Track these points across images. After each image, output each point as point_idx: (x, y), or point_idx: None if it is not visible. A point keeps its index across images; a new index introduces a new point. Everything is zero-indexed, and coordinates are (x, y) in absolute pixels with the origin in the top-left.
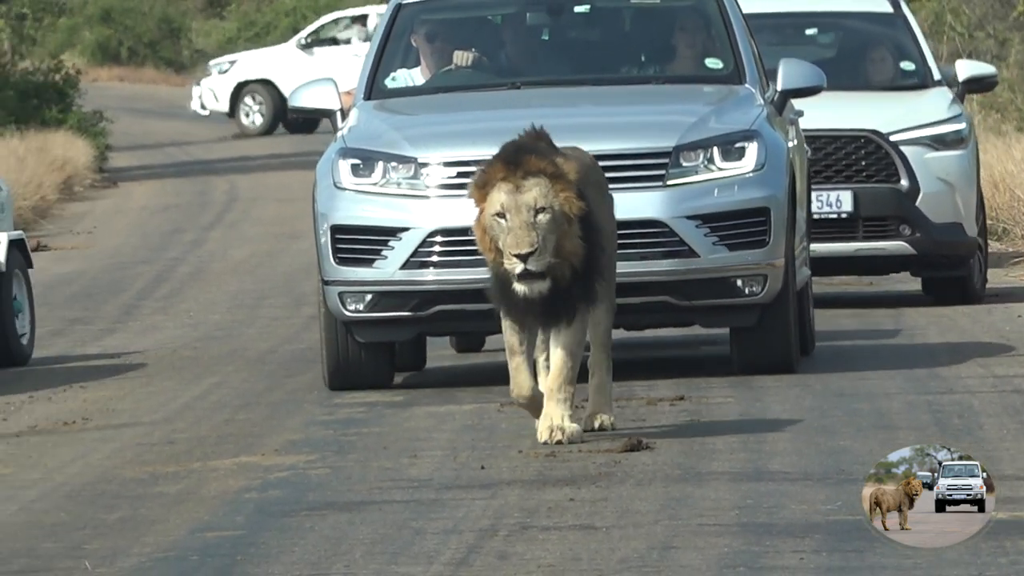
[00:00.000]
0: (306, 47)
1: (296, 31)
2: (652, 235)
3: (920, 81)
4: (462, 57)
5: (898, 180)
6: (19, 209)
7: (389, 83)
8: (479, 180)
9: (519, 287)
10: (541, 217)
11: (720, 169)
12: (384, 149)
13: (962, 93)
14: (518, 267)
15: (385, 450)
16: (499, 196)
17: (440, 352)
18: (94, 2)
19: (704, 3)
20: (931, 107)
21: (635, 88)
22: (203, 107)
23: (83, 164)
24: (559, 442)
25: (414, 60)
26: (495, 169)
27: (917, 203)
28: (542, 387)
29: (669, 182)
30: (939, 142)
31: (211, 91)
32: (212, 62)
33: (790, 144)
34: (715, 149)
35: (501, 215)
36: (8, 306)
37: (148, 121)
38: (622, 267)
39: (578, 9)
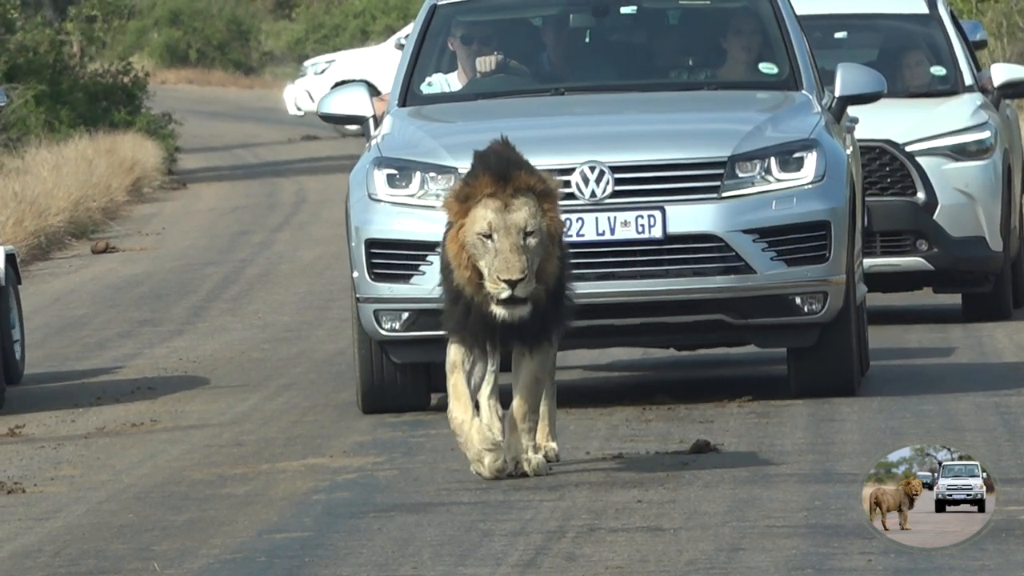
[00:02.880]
0: (404, 47)
1: (365, 32)
2: (706, 250)
3: (951, 87)
4: (485, 62)
5: (914, 193)
6: (88, 211)
7: (425, 88)
8: (461, 193)
9: (499, 311)
10: (531, 240)
11: (778, 180)
12: (421, 159)
13: (997, 99)
14: (504, 292)
15: (453, 451)
16: (486, 214)
17: None
18: (163, 4)
19: (757, 4)
20: (953, 115)
21: (686, 94)
22: (298, 108)
23: (152, 166)
24: (524, 474)
25: (449, 64)
26: (482, 183)
27: (935, 216)
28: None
29: (724, 194)
30: (960, 152)
31: (306, 92)
32: (308, 63)
33: (847, 152)
34: (772, 159)
35: (487, 235)
36: (7, 322)
37: (216, 123)
38: (675, 284)
39: (624, 10)
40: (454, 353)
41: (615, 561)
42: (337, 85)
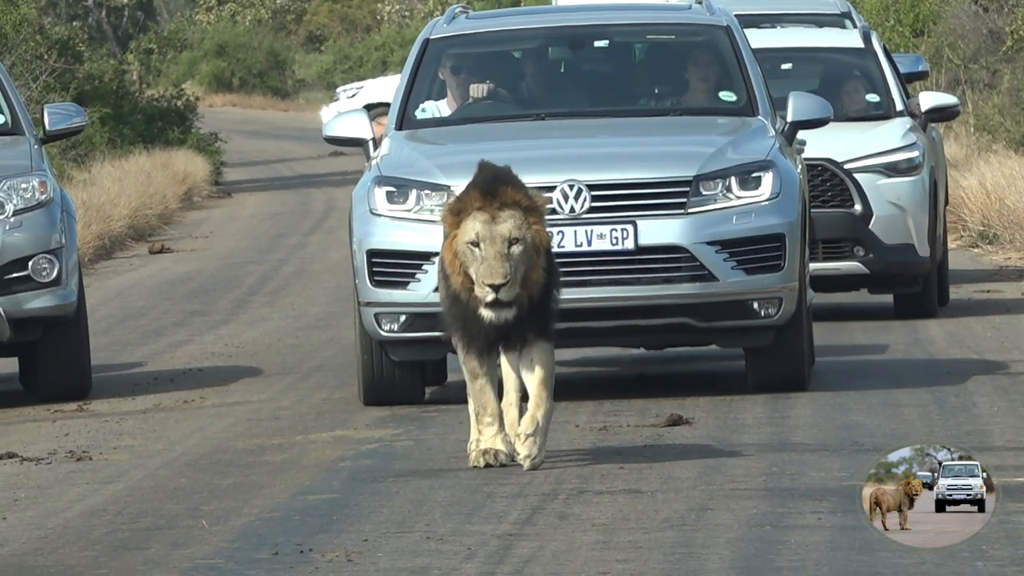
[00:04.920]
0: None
1: (385, 63)
2: (674, 260)
3: (884, 112)
4: (478, 89)
5: (852, 205)
6: (146, 217)
7: (419, 114)
8: (454, 207)
9: (486, 313)
10: (515, 248)
11: (738, 197)
12: (417, 177)
13: (925, 123)
14: (489, 296)
15: (461, 425)
16: (474, 225)
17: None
18: (211, 38)
19: (717, 38)
20: (886, 137)
21: (653, 120)
22: None
23: (201, 178)
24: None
25: (439, 92)
26: (472, 197)
27: (870, 226)
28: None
29: (690, 210)
30: (892, 169)
31: (339, 113)
32: (340, 88)
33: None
34: (733, 178)
35: (475, 244)
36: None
37: (257, 141)
38: (645, 290)
39: (598, 44)
40: (470, 362)
41: (600, 519)
42: (367, 108)
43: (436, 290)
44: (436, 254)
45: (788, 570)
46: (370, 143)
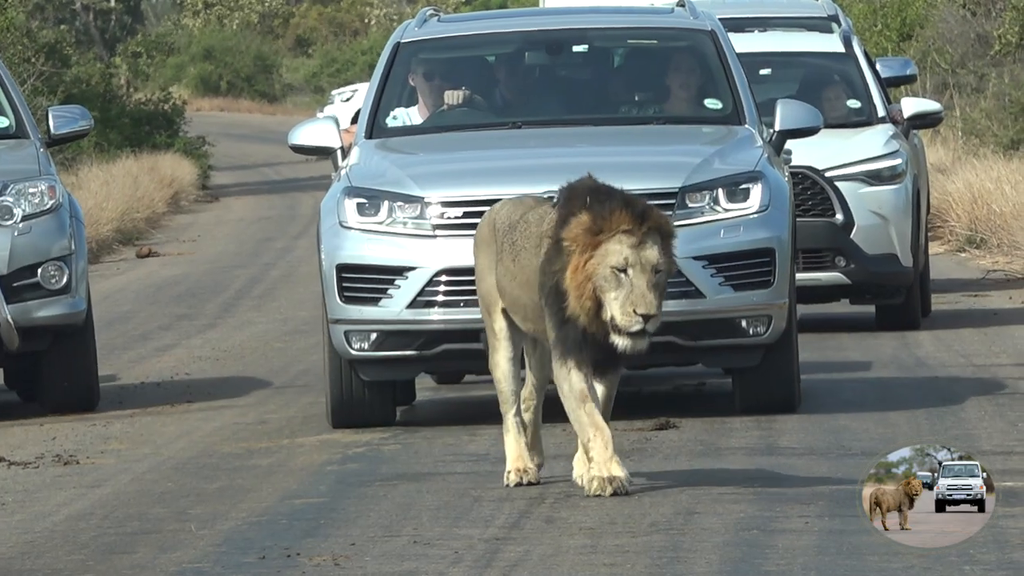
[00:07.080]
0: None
1: (372, 67)
2: None
3: (865, 118)
4: (453, 96)
5: (833, 214)
6: (133, 221)
7: (390, 122)
8: (594, 226)
9: (623, 342)
10: (659, 277)
11: (725, 210)
12: (390, 188)
13: (907, 129)
14: (636, 326)
15: (448, 429)
16: (622, 248)
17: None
18: (198, 42)
19: (702, 44)
20: (867, 144)
21: (636, 128)
22: None
23: (188, 182)
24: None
25: (410, 98)
26: (618, 218)
27: (852, 236)
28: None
29: (675, 223)
30: (874, 177)
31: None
32: (335, 91)
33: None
34: (720, 190)
35: (622, 269)
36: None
37: (244, 145)
38: None
39: (576, 48)
40: (579, 382)
41: (587, 523)
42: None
43: (410, 305)
44: (409, 269)
45: (775, 574)
46: (338, 152)
